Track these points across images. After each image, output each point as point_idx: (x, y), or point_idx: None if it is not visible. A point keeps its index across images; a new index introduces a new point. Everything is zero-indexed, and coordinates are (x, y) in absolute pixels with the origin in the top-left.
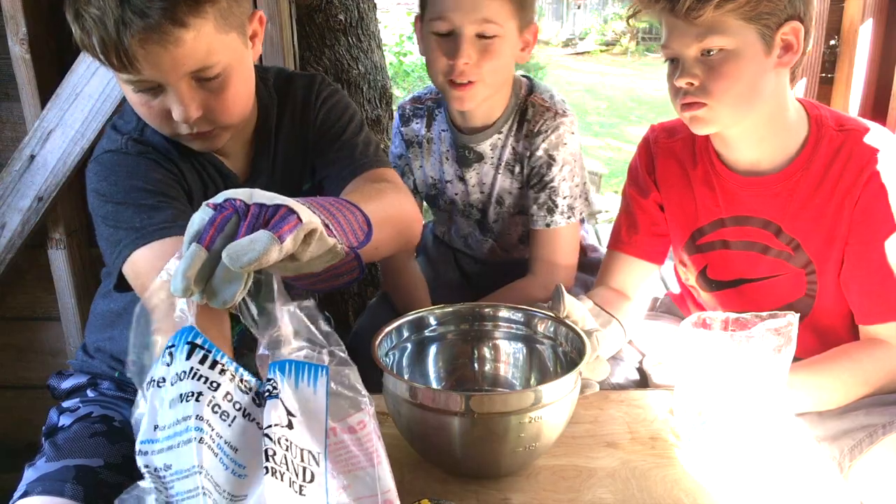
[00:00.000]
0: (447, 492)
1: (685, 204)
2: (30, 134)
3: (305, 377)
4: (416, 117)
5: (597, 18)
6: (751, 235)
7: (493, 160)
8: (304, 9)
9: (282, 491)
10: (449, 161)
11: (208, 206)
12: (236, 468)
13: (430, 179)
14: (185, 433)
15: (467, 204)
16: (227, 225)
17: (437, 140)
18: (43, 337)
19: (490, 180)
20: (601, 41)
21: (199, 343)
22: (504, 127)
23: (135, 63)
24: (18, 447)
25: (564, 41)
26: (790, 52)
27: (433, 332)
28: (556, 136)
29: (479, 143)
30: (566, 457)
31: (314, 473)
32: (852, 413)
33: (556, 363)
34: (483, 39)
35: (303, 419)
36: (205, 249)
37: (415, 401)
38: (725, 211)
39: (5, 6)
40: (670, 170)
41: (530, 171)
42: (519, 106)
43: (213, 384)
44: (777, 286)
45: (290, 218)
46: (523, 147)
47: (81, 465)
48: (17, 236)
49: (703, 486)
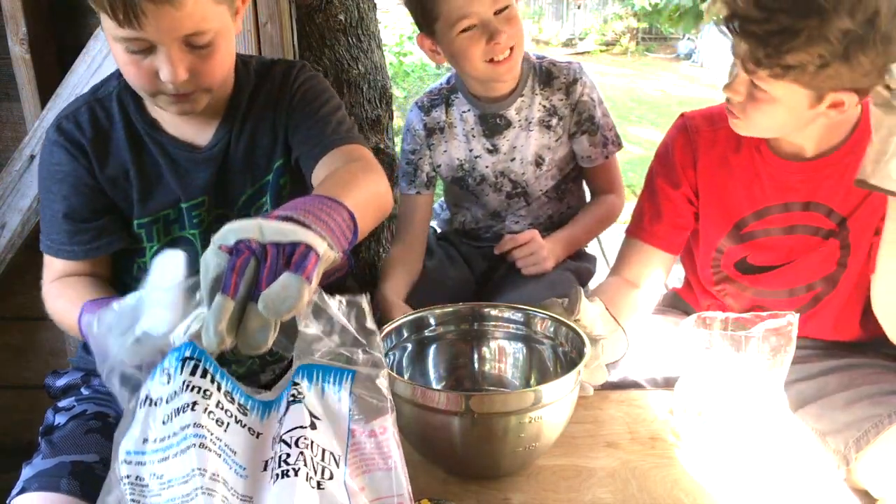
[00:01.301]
0: (447, 492)
1: (728, 194)
2: (30, 134)
3: (332, 382)
4: (434, 107)
5: (597, 18)
6: (800, 219)
7: (522, 122)
8: (304, 9)
9: (296, 486)
10: (476, 137)
11: (222, 249)
12: (238, 469)
13: (456, 161)
14: (183, 442)
15: (499, 174)
16: (246, 269)
17: (460, 121)
18: (43, 337)
19: (524, 142)
20: (601, 41)
21: (190, 355)
22: (525, 89)
23: (140, 19)
24: (18, 447)
25: (564, 41)
26: (838, 108)
27: (433, 332)
28: (587, 80)
29: (506, 109)
30: (566, 457)
31: (333, 473)
32: (857, 404)
33: (556, 363)
34: (504, 12)
35: (326, 423)
36: (231, 299)
37: (415, 400)
38: (772, 198)
39: (5, 6)
40: (714, 161)
41: (579, 117)
42: (533, 70)
43: (205, 392)
44: (812, 262)
45: (310, 255)
46: (559, 100)
47: (77, 461)
48: (17, 236)
49: (703, 486)
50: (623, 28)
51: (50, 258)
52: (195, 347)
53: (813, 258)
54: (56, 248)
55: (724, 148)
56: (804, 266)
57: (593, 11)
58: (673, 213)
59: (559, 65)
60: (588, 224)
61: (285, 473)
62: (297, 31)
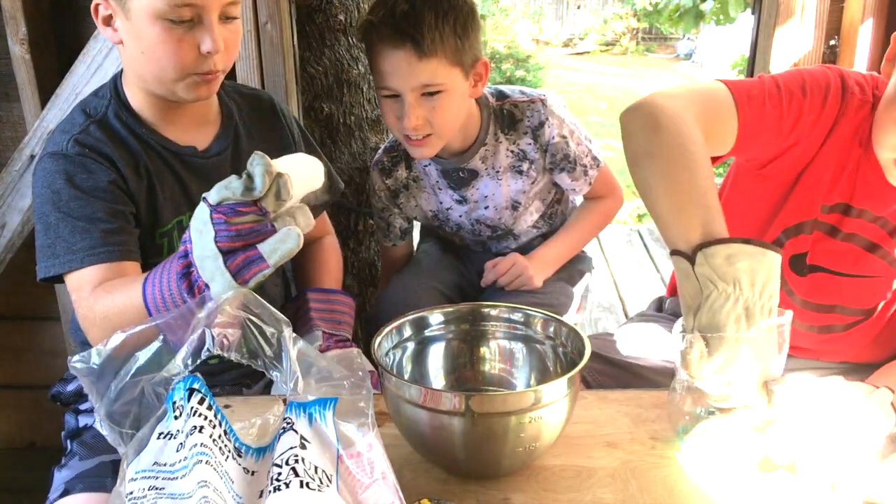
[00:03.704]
0: (447, 492)
1: (832, 173)
2: (30, 134)
3: (317, 412)
4: (395, 166)
5: (597, 18)
6: (864, 230)
7: (490, 170)
8: (304, 9)
9: (292, 492)
10: (443, 190)
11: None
12: (236, 496)
13: (429, 213)
14: (191, 459)
15: (474, 221)
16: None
17: (424, 175)
18: (43, 337)
19: (494, 190)
20: (601, 41)
21: (196, 387)
22: (487, 137)
23: None
24: (18, 447)
25: (564, 41)
26: None
27: (433, 332)
28: (553, 118)
29: (469, 160)
30: (566, 457)
31: (328, 485)
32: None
33: (556, 363)
34: (429, 97)
35: (316, 446)
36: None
37: (415, 401)
38: (857, 200)
39: (5, 6)
40: (846, 133)
41: (553, 158)
42: (494, 115)
43: (209, 422)
44: (867, 287)
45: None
46: (527, 144)
47: (117, 460)
48: (17, 236)
49: (704, 487)
50: (623, 28)
51: (78, 275)
52: (200, 381)
53: (869, 284)
54: (83, 255)
55: (859, 129)
56: (856, 287)
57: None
58: (777, 117)
59: (521, 105)
60: (579, 234)
61: (277, 489)
62: (297, 31)
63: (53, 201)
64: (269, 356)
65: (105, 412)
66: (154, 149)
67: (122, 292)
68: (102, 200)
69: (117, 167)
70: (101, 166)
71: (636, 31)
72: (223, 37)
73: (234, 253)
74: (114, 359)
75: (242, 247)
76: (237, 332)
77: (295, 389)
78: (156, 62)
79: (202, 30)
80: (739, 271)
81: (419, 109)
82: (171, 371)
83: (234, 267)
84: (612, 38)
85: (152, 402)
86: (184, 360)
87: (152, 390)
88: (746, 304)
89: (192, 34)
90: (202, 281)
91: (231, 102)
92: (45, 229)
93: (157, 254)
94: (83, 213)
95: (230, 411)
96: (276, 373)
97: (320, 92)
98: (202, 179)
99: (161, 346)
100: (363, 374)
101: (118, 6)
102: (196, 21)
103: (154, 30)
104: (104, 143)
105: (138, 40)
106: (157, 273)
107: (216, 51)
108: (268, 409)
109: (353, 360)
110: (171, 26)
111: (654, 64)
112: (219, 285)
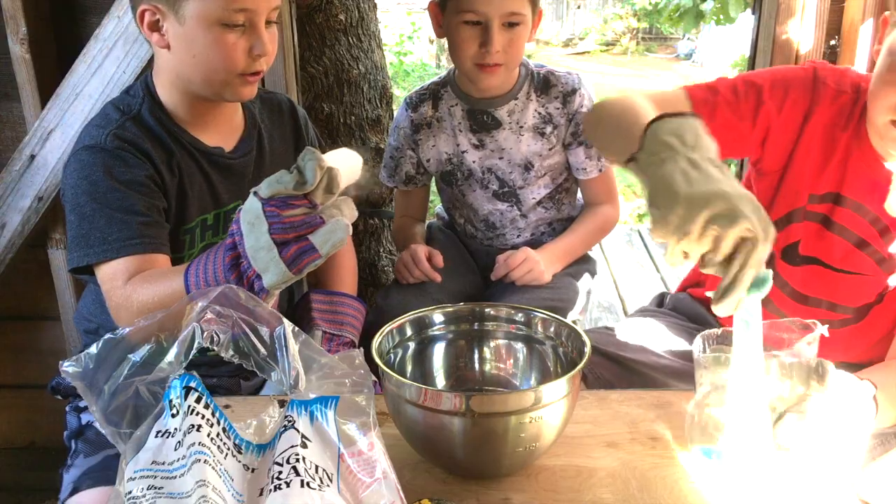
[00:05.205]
0: (447, 492)
1: (815, 162)
2: (30, 134)
3: (319, 408)
4: (421, 102)
5: (597, 18)
6: (856, 225)
7: (513, 125)
8: (304, 9)
9: (293, 491)
10: (463, 132)
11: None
12: (235, 494)
13: (444, 155)
14: (190, 458)
15: (486, 170)
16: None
17: (448, 116)
18: (43, 337)
19: (513, 145)
20: (601, 41)
21: (192, 386)
22: (520, 94)
23: None
24: (18, 446)
25: (564, 41)
26: None
27: (434, 332)
28: (585, 91)
29: (497, 108)
30: (566, 457)
31: (328, 485)
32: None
33: (556, 363)
34: (509, 28)
35: (317, 444)
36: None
37: (415, 401)
38: (847, 189)
39: (5, 6)
40: (823, 122)
41: (576, 128)
42: (531, 76)
43: (207, 420)
44: (857, 285)
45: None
46: (555, 109)
47: None
48: (17, 236)
49: (704, 487)
50: (623, 28)
51: (112, 265)
52: (196, 379)
53: (860, 282)
54: (119, 245)
55: (838, 115)
56: (848, 285)
57: (593, 11)
58: (731, 122)
59: (558, 74)
60: (584, 235)
61: (278, 487)
62: (297, 31)
63: (90, 192)
64: (263, 355)
65: (101, 414)
66: (186, 148)
67: (163, 283)
68: (139, 194)
69: (154, 163)
70: (139, 161)
71: (636, 31)
72: (269, 39)
73: (287, 244)
74: (106, 361)
75: (294, 238)
76: (228, 330)
77: (295, 385)
78: (207, 64)
79: (252, 33)
80: (666, 136)
81: (501, 37)
82: (164, 368)
83: (289, 257)
84: (612, 38)
85: (148, 400)
86: (176, 356)
87: (147, 390)
88: (687, 157)
89: (244, 38)
90: (253, 271)
91: (252, 105)
92: (79, 220)
93: (178, 250)
94: (121, 205)
95: (230, 411)
96: (269, 373)
97: (320, 92)
98: (228, 180)
99: (154, 346)
100: (364, 373)
101: (170, 12)
102: (247, 25)
103: (209, 34)
104: (141, 139)
105: (191, 44)
106: (199, 264)
107: (266, 53)
108: (266, 410)
109: (354, 359)
110: (225, 31)
111: (654, 64)
112: (273, 275)
